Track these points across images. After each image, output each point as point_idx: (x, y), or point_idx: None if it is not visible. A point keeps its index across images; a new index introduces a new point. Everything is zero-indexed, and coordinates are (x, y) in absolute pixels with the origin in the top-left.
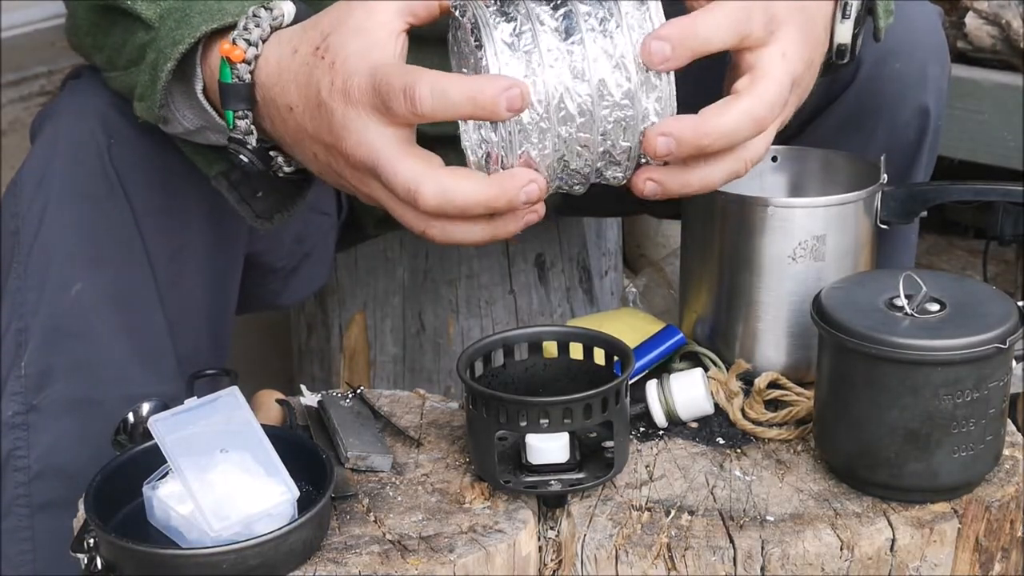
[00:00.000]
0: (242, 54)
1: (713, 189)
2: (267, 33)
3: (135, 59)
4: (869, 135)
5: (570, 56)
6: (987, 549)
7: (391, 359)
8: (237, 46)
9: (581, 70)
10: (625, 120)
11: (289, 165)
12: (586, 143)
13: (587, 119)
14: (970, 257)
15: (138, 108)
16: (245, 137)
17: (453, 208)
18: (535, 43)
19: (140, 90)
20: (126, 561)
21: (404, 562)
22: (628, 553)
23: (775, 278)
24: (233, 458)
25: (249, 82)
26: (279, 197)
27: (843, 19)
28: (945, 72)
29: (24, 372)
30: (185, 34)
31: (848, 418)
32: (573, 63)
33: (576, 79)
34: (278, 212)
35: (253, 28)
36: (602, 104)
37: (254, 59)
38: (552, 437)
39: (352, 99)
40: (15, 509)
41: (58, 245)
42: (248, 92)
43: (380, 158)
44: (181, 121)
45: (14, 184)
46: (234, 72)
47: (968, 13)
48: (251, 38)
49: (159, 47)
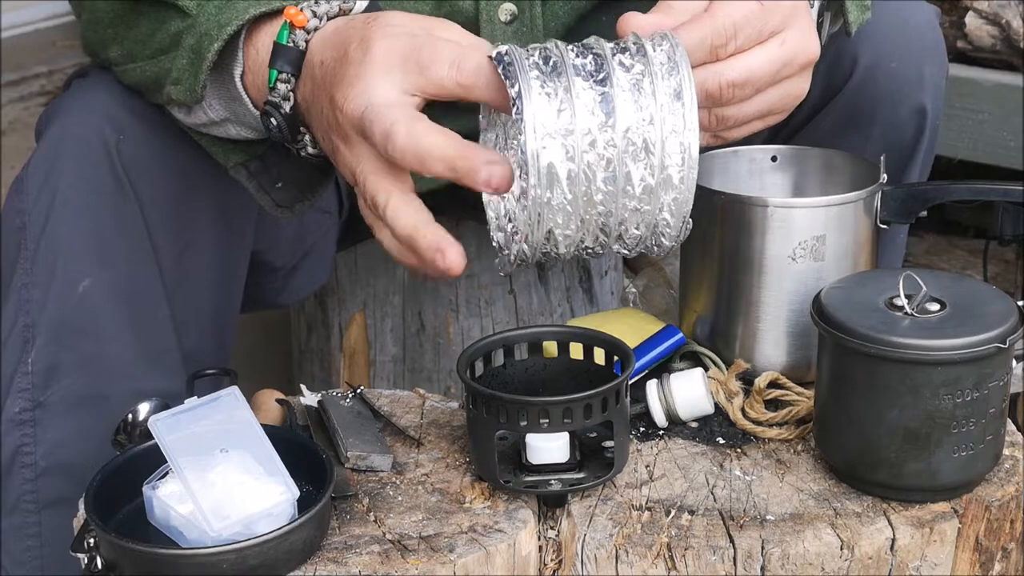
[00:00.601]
0: (305, 20)
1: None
2: (334, 12)
3: (166, 47)
4: (867, 134)
5: (604, 140)
6: (987, 549)
7: (391, 359)
8: (303, 12)
9: (610, 159)
10: (641, 213)
11: (314, 146)
12: (604, 227)
13: (607, 208)
14: (970, 257)
15: (174, 91)
16: (281, 101)
17: (418, 150)
18: (573, 120)
19: (176, 74)
20: (126, 561)
21: (404, 562)
22: (628, 553)
23: (775, 278)
24: (233, 458)
25: (302, 49)
26: (298, 187)
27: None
28: (942, 71)
29: (31, 369)
30: (232, 17)
31: (848, 418)
32: (605, 152)
33: (604, 168)
34: (298, 201)
35: (323, 3)
36: (624, 195)
37: (314, 30)
38: (552, 437)
39: (372, 60)
40: (22, 505)
41: (65, 241)
42: (298, 58)
43: (372, 102)
44: (207, 111)
45: (19, 181)
46: (291, 37)
47: (968, 13)
48: (318, 11)
49: (201, 30)
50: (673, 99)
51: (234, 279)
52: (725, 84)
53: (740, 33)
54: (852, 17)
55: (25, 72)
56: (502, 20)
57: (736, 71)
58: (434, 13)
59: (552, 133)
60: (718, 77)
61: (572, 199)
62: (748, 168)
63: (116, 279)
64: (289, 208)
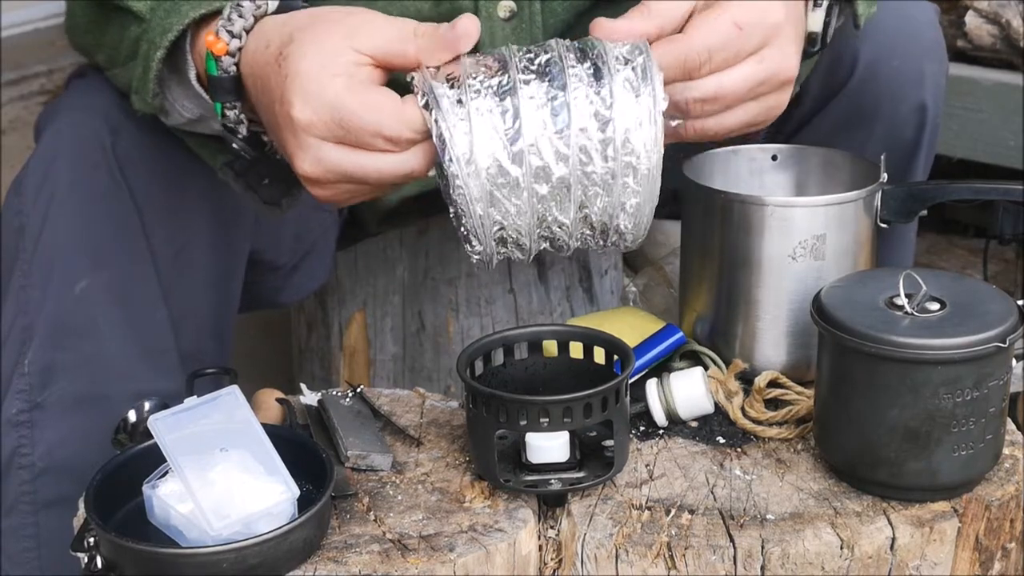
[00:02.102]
0: (225, 47)
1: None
2: (251, 24)
3: (131, 54)
4: (867, 133)
5: (553, 121)
6: (987, 548)
7: (391, 358)
8: (220, 39)
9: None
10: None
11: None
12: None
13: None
14: (970, 256)
15: (135, 101)
16: (236, 126)
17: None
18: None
19: (135, 83)
20: (126, 560)
21: (404, 561)
22: (628, 552)
23: (775, 277)
24: (233, 457)
25: (234, 74)
26: (285, 183)
27: (815, 7)
28: (943, 70)
29: (28, 369)
30: (174, 22)
31: (848, 417)
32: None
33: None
34: (285, 197)
35: (236, 19)
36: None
37: (238, 51)
38: (552, 436)
39: (300, 125)
40: (19, 506)
41: (62, 242)
42: (234, 84)
43: (321, 160)
44: (181, 112)
45: (18, 181)
46: (219, 65)
47: (968, 12)
48: (234, 29)
49: (150, 38)
50: (630, 92)
51: (232, 278)
52: (692, 100)
53: (715, 56)
54: (861, 10)
55: (25, 71)
56: (501, 17)
57: (704, 89)
58: (433, 11)
59: (466, 156)
60: (684, 92)
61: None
62: (748, 167)
63: (113, 279)
64: (277, 205)
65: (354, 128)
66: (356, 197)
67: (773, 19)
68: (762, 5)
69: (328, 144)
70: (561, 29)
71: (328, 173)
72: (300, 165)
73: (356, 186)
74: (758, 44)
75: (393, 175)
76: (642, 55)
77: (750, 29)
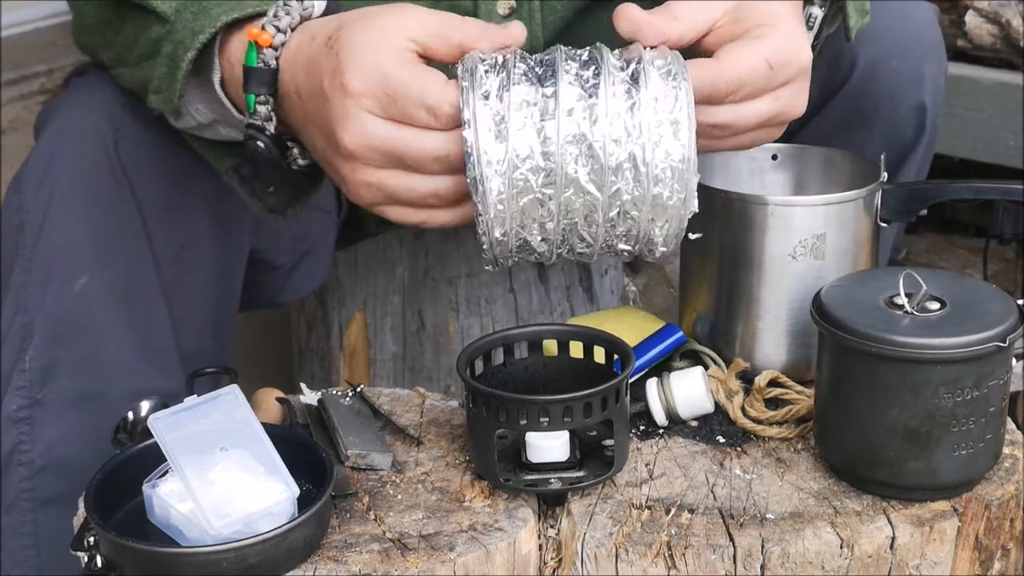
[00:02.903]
0: (270, 39)
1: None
2: (296, 22)
3: (148, 53)
4: (867, 133)
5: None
6: (987, 547)
7: (391, 357)
8: (266, 31)
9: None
10: (630, 220)
11: (304, 158)
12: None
13: (587, 219)
14: (970, 255)
15: (154, 100)
16: (264, 123)
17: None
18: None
19: (157, 82)
20: (126, 559)
21: (404, 560)
22: (628, 551)
23: (775, 276)
24: (233, 456)
25: (274, 67)
26: (291, 191)
27: (807, 30)
28: (942, 69)
29: (28, 367)
30: (205, 24)
31: (848, 416)
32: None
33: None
34: (291, 206)
35: (283, 16)
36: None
37: (281, 46)
38: (552, 435)
39: (350, 93)
40: (18, 504)
41: (63, 239)
42: (272, 78)
43: (369, 136)
44: (194, 115)
45: (18, 179)
46: (260, 57)
47: (968, 11)
48: (280, 25)
49: (177, 38)
50: (666, 112)
51: (232, 277)
52: (706, 124)
53: (742, 89)
54: (852, 22)
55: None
56: (500, 14)
57: (720, 117)
58: (432, 7)
59: (495, 160)
60: (703, 116)
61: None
62: (748, 167)
63: (113, 277)
64: (282, 213)
65: (401, 96)
66: (386, 197)
67: (801, 62)
68: (794, 47)
69: (373, 117)
70: (560, 27)
71: (369, 150)
72: (343, 137)
73: (392, 172)
74: (781, 83)
75: (432, 154)
76: (678, 68)
77: (779, 69)
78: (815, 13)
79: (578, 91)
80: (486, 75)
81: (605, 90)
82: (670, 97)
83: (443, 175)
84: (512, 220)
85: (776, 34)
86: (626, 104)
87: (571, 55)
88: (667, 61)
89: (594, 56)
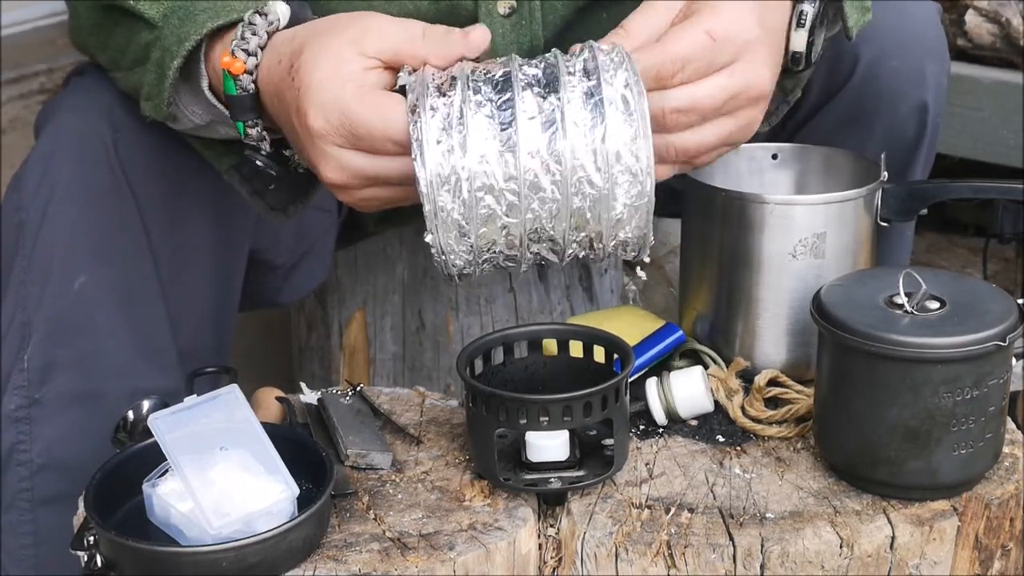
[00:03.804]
0: (242, 66)
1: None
2: (264, 40)
3: (140, 59)
4: (868, 132)
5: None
6: (987, 547)
7: (391, 357)
8: (236, 58)
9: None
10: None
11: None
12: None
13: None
14: (970, 255)
15: (146, 108)
16: (258, 143)
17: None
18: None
19: (147, 89)
20: (126, 559)
21: (404, 560)
22: (628, 551)
23: (775, 276)
24: (233, 456)
25: (253, 92)
26: (292, 189)
27: (798, 27)
28: (944, 69)
29: (27, 366)
30: (191, 31)
31: (848, 416)
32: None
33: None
34: (292, 204)
35: (250, 37)
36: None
37: (255, 68)
38: (552, 435)
39: (316, 135)
40: (17, 503)
41: (62, 239)
42: (253, 102)
43: (342, 165)
44: (190, 118)
45: (17, 178)
46: (238, 84)
47: (968, 11)
48: (249, 47)
49: (164, 45)
50: (622, 112)
51: (232, 277)
52: (668, 110)
53: (688, 66)
54: (852, 21)
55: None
56: (501, 14)
57: (679, 99)
58: (432, 8)
59: (444, 174)
60: (661, 102)
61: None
62: (748, 166)
63: (112, 276)
64: (283, 211)
65: (364, 135)
66: (391, 201)
67: (747, 35)
68: (737, 18)
69: (347, 150)
70: (561, 26)
71: (353, 179)
72: (324, 173)
73: (382, 188)
74: (730, 58)
75: (410, 175)
76: (627, 65)
77: (723, 42)
78: (806, 10)
79: (536, 104)
80: (436, 102)
81: (565, 99)
82: (625, 89)
83: None
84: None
85: (717, 9)
86: (584, 106)
87: (526, 72)
88: (615, 56)
89: (550, 64)
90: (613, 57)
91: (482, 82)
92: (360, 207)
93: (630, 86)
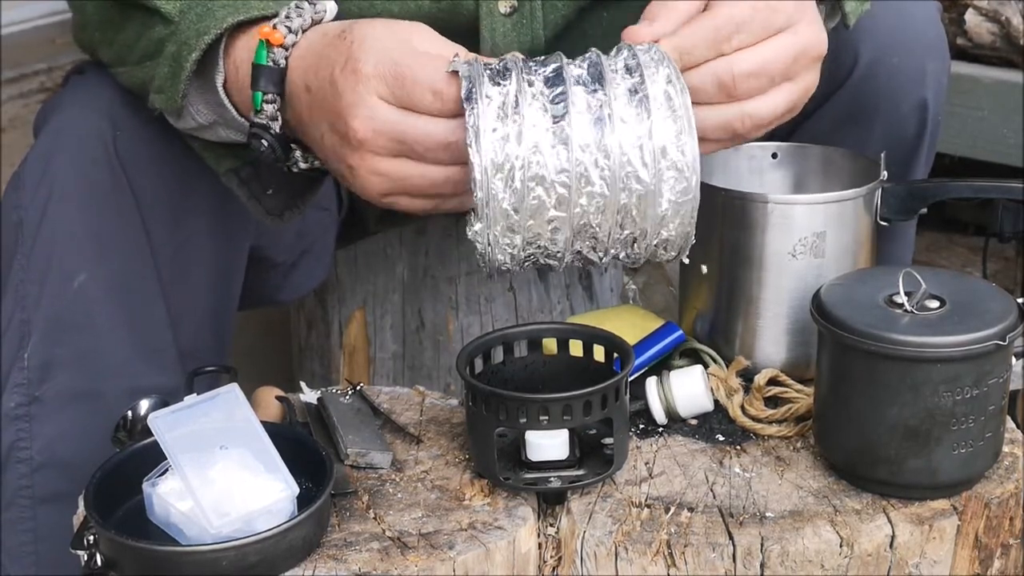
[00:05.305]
0: (281, 38)
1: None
2: (308, 24)
3: (151, 53)
4: (868, 130)
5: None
6: (987, 546)
7: (391, 356)
8: (278, 30)
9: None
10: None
11: (305, 160)
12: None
13: (593, 220)
14: (970, 254)
15: (157, 100)
16: (269, 122)
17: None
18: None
19: (159, 82)
20: (126, 558)
21: (404, 559)
22: (628, 550)
23: (775, 275)
24: (233, 455)
25: (283, 66)
26: (289, 194)
27: None
28: (944, 67)
29: (27, 364)
30: (210, 25)
31: (848, 415)
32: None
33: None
34: (288, 209)
35: (295, 17)
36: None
37: (291, 46)
38: (552, 434)
39: (361, 77)
40: (17, 501)
41: (61, 237)
42: (280, 76)
43: (377, 121)
44: (194, 116)
45: (17, 176)
46: (270, 55)
47: (968, 10)
48: (292, 26)
49: (181, 39)
50: (665, 109)
51: (231, 276)
52: (738, 74)
53: (743, 29)
54: (849, 8)
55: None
56: (502, 13)
57: (748, 62)
58: (434, 6)
59: (499, 162)
60: (730, 67)
61: (523, 220)
62: (748, 165)
63: (112, 275)
64: (279, 216)
65: (408, 78)
66: (394, 186)
67: (788, 6)
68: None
69: (382, 102)
70: (562, 25)
71: (377, 134)
72: (352, 122)
73: (399, 162)
74: (785, 21)
75: (439, 141)
76: (667, 62)
77: (776, 5)
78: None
79: (586, 99)
80: (491, 90)
81: (612, 95)
82: (673, 99)
83: (450, 164)
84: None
85: None
86: (630, 103)
87: (573, 63)
88: (652, 57)
89: (594, 62)
90: (653, 55)
91: (534, 74)
92: (370, 183)
93: (672, 82)
